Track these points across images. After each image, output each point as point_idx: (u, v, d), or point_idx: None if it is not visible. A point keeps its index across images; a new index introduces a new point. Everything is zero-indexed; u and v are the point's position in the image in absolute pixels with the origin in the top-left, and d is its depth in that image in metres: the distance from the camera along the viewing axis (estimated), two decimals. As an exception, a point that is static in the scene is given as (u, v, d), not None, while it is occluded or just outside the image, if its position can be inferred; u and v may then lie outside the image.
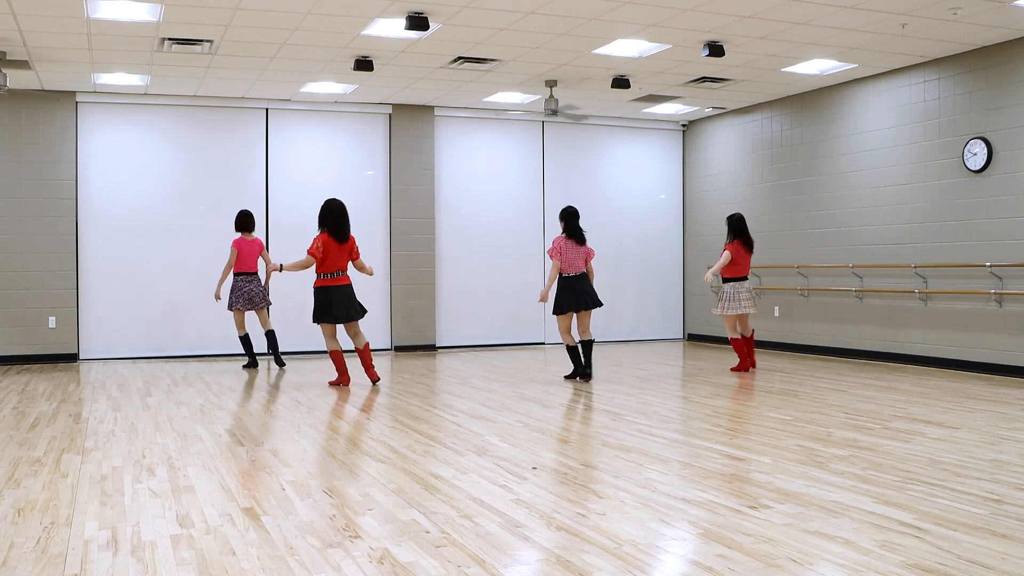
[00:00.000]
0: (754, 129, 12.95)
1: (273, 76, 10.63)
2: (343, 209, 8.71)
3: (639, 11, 8.12)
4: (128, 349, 11.83)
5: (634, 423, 6.77)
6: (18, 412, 7.51)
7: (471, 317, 13.32)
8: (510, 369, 10.49)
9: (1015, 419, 6.83)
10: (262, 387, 9.17)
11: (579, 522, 4.10)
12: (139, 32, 8.64)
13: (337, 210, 8.66)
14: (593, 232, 13.47)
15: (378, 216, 12.85)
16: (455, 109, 13.02)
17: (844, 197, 11.38)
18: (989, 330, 9.59)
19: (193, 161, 12.08)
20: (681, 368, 10.84)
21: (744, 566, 3.49)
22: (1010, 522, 4.06)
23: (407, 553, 3.68)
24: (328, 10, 8.03)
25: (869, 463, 5.29)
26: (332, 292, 8.62)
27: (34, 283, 11.38)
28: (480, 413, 7.31)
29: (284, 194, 12.37)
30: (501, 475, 5.06)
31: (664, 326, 14.52)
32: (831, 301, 11.66)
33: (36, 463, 5.47)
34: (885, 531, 3.93)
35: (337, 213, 8.64)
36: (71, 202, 11.55)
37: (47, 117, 11.40)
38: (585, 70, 10.47)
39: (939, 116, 10.10)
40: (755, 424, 6.75)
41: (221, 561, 3.60)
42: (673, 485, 4.81)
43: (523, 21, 8.44)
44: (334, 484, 4.90)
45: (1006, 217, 9.38)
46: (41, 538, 3.93)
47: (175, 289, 11.92)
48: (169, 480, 5.00)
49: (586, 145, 13.92)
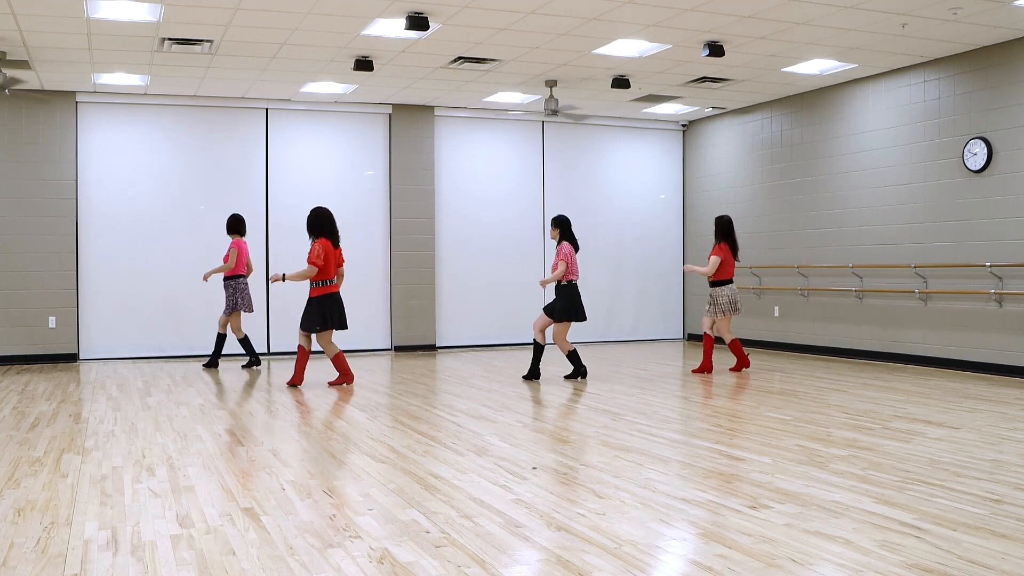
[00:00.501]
0: (754, 129, 12.95)
1: (273, 76, 10.63)
2: (330, 216, 8.83)
3: (639, 11, 8.12)
4: (128, 349, 11.83)
5: (634, 423, 6.77)
6: (18, 412, 7.51)
7: (471, 317, 13.32)
8: (510, 369, 10.49)
9: (1015, 419, 6.83)
10: (262, 387, 9.17)
11: (579, 522, 4.10)
12: (139, 32, 8.64)
13: (330, 217, 8.80)
14: (593, 232, 13.57)
15: (378, 216, 12.85)
16: (455, 109, 13.02)
17: (844, 197, 11.38)
18: (989, 330, 9.59)
19: (193, 161, 12.08)
20: (681, 368, 10.84)
21: (744, 566, 3.49)
22: (1010, 522, 4.06)
23: (407, 553, 3.68)
24: (328, 10, 8.03)
25: (869, 463, 5.29)
26: (329, 300, 8.70)
27: (34, 283, 11.38)
28: (480, 413, 7.31)
29: (284, 194, 12.36)
30: (501, 475, 5.06)
31: (664, 326, 14.52)
32: (831, 301, 11.66)
33: (36, 463, 5.47)
34: (885, 531, 3.93)
35: (332, 220, 8.80)
36: (71, 202, 11.55)
37: (47, 117, 11.40)
38: (585, 70, 10.47)
39: (939, 116, 10.10)
40: (755, 424, 6.75)
41: (221, 561, 3.60)
42: (673, 485, 4.81)
43: (523, 21, 8.44)
44: (334, 484, 4.90)
45: (1006, 217, 9.38)
46: (41, 538, 3.93)
47: (175, 289, 11.91)
48: (169, 480, 5.00)
49: (586, 145, 13.92)
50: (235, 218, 10.63)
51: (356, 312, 11.28)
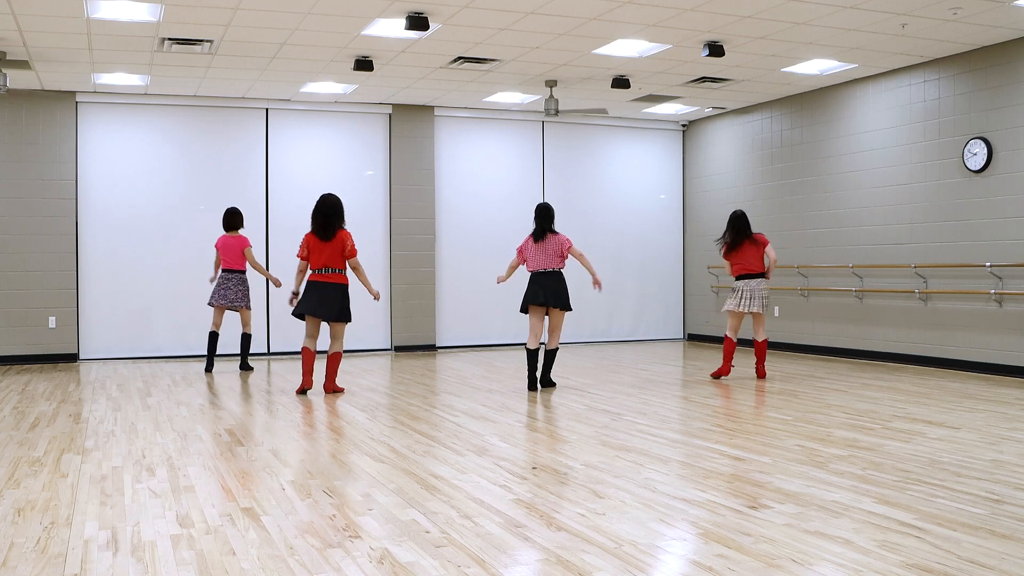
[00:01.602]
0: (754, 129, 12.95)
1: (273, 76, 10.63)
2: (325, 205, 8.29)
3: (639, 11, 8.12)
4: (128, 349, 11.83)
5: (634, 423, 6.77)
6: (18, 412, 7.51)
7: (471, 317, 13.32)
8: (510, 369, 10.49)
9: (1015, 419, 6.83)
10: (262, 387, 9.17)
11: (579, 522, 4.10)
12: (139, 32, 8.64)
13: (318, 206, 8.30)
14: (593, 232, 13.58)
15: (378, 216, 12.85)
16: (455, 109, 13.02)
17: (844, 197, 11.38)
18: (989, 330, 9.59)
19: (193, 161, 12.08)
20: (681, 368, 10.84)
21: (744, 566, 3.49)
22: (1010, 522, 4.06)
23: (407, 553, 3.68)
24: (328, 10, 8.03)
25: (869, 463, 5.29)
26: (310, 286, 8.30)
27: (34, 283, 11.38)
28: (480, 413, 7.31)
29: (284, 194, 12.36)
30: (501, 475, 5.06)
31: (664, 326, 14.52)
32: (831, 301, 11.66)
33: (36, 463, 5.47)
34: (885, 531, 3.93)
35: (317, 210, 8.30)
36: (71, 202, 11.55)
37: (47, 117, 11.40)
38: (585, 70, 10.47)
39: (939, 116, 10.10)
40: (755, 424, 6.75)
41: (221, 561, 3.60)
42: (673, 485, 4.81)
43: (523, 21, 8.44)
44: (334, 484, 4.90)
45: (1006, 217, 9.38)
46: (41, 538, 3.92)
47: (175, 289, 11.91)
48: (169, 480, 5.00)
49: (586, 145, 13.92)
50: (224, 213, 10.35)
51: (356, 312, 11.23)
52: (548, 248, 8.48)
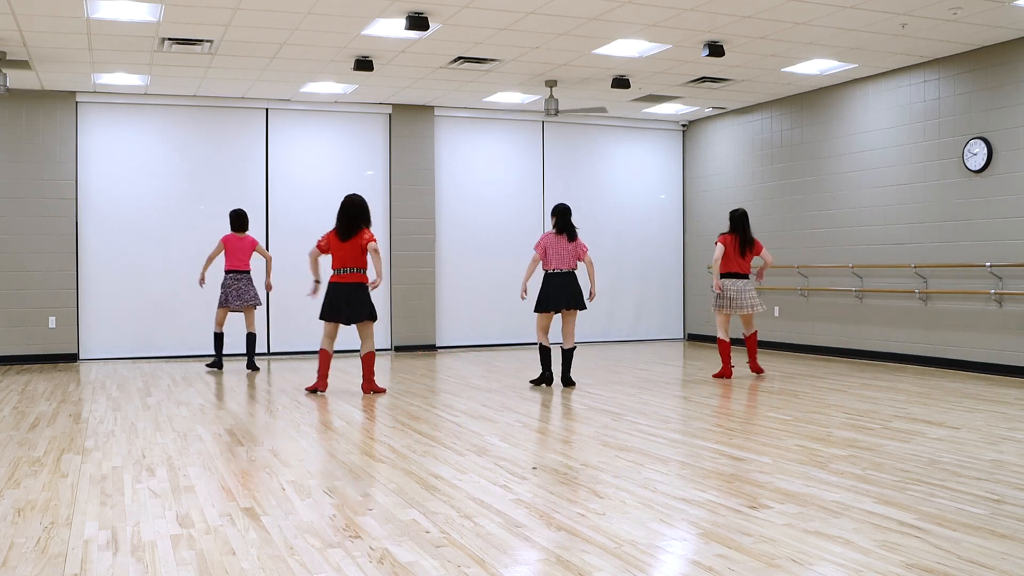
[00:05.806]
0: (754, 129, 12.95)
1: (273, 76, 10.63)
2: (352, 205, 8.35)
3: (639, 11, 8.12)
4: (128, 349, 11.83)
5: (634, 423, 6.77)
6: (18, 412, 7.51)
7: (471, 317, 13.32)
8: (510, 369, 10.49)
9: (1015, 419, 6.83)
10: (262, 387, 9.17)
11: (579, 522, 4.10)
12: (139, 32, 8.64)
13: (343, 206, 8.36)
14: (593, 232, 13.55)
15: (378, 216, 12.81)
16: (455, 109, 13.02)
17: (844, 197, 11.38)
18: (989, 330, 9.59)
19: (193, 161, 12.08)
20: (681, 368, 10.84)
21: (744, 566, 3.49)
22: (1010, 522, 4.06)
23: (407, 553, 3.68)
24: (328, 10, 8.03)
25: (869, 463, 5.29)
26: (332, 289, 8.31)
27: (34, 283, 11.38)
28: (480, 413, 7.31)
29: (284, 194, 12.36)
30: (501, 475, 5.06)
31: (664, 326, 14.52)
32: (831, 301, 11.66)
33: (36, 463, 5.47)
34: (885, 531, 3.93)
35: (342, 209, 8.35)
36: (71, 202, 11.54)
37: (47, 117, 11.40)
38: (585, 70, 10.47)
39: (939, 116, 10.10)
40: (755, 424, 6.75)
41: (221, 561, 3.60)
42: (673, 485, 4.81)
43: (523, 21, 8.44)
44: (334, 484, 4.90)
45: (1006, 217, 9.38)
46: (41, 538, 3.92)
47: (175, 289, 11.90)
48: (169, 480, 5.00)
49: (586, 145, 13.92)
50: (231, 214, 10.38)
51: (356, 312, 11.28)
52: (572, 249, 8.76)
